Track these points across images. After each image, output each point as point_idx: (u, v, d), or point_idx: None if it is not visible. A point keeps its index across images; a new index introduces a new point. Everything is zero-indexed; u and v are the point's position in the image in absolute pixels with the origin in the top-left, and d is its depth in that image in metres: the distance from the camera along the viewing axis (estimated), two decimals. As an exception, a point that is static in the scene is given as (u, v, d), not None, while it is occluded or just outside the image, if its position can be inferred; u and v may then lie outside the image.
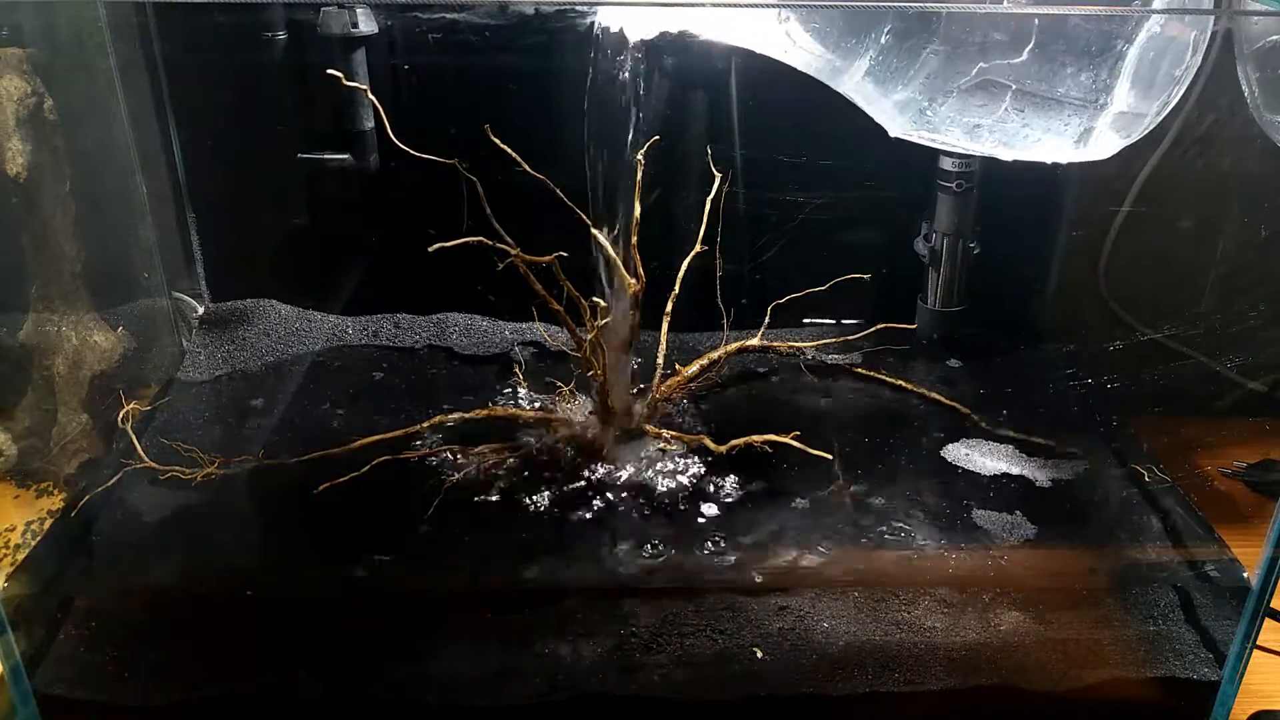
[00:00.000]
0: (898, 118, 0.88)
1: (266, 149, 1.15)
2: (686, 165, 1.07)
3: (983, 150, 0.89)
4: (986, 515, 0.90)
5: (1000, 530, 0.89)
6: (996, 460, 0.97)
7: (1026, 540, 0.89)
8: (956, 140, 0.89)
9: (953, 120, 0.87)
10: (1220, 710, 0.82)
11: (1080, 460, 0.97)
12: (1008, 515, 0.91)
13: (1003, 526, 0.90)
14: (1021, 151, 0.88)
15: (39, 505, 1.02)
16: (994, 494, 0.93)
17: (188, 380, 1.10)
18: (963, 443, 1.00)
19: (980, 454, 0.98)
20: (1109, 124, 0.86)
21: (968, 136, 0.88)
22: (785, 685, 0.79)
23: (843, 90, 0.89)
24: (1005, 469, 0.96)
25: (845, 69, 0.88)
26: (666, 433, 0.97)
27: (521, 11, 1.03)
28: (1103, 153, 0.88)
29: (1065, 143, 0.87)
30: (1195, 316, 1.08)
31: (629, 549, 0.87)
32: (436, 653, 0.81)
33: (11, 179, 0.96)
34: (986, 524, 0.90)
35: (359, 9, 1.06)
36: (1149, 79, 0.85)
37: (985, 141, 0.88)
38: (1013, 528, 0.89)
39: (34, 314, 1.04)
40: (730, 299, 1.11)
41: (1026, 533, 0.89)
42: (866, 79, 0.87)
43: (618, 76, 0.92)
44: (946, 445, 0.99)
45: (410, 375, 1.11)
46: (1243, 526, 0.89)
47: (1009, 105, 0.86)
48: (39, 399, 1.05)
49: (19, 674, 0.79)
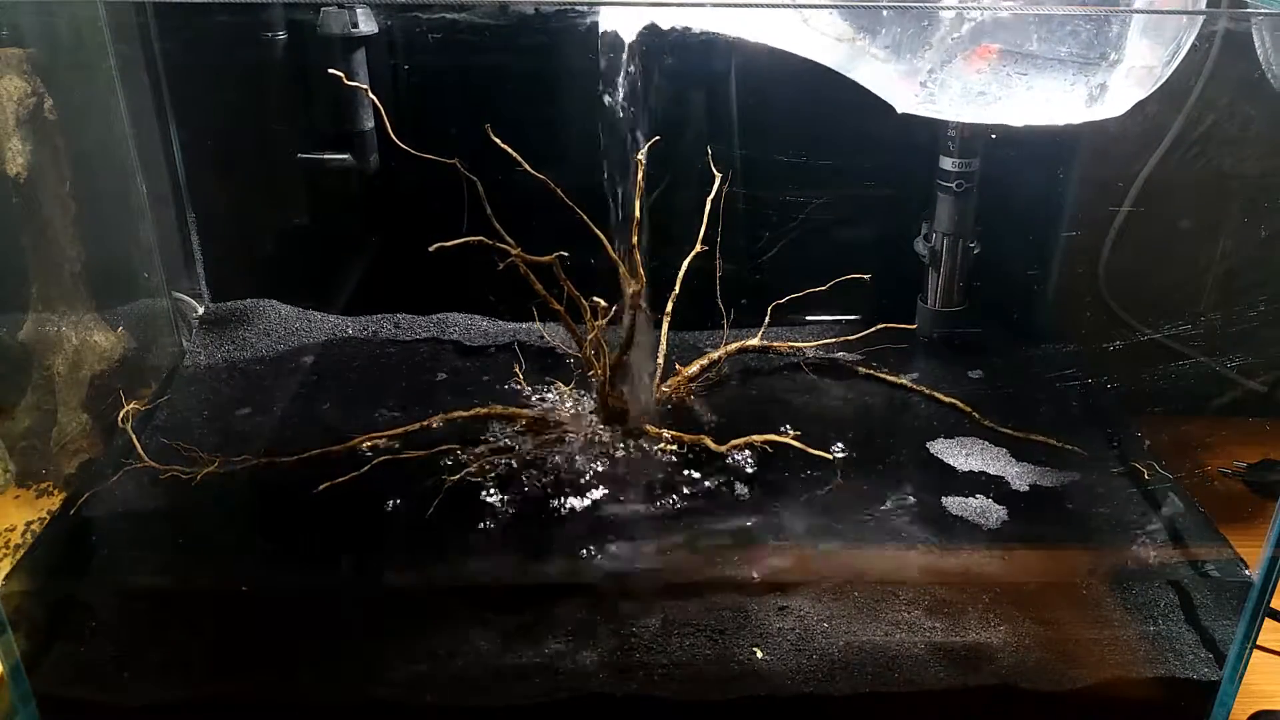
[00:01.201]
0: (905, 92, 0.87)
1: (266, 149, 1.15)
2: (690, 164, 1.07)
3: (992, 118, 0.88)
4: (986, 513, 0.90)
5: (1001, 529, 0.89)
6: (996, 458, 0.97)
7: (1027, 538, 0.89)
8: (964, 110, 0.88)
9: (958, 90, 0.86)
10: (1220, 710, 0.82)
11: (1080, 459, 0.97)
12: (1008, 514, 0.91)
13: (1003, 524, 0.90)
14: (1031, 116, 0.87)
15: (39, 505, 1.02)
16: (995, 491, 0.93)
17: (187, 380, 1.10)
18: (962, 441, 1.00)
19: (980, 452, 0.98)
20: (1118, 79, 0.85)
21: (975, 105, 0.87)
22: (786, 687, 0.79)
23: (854, 74, 0.88)
24: (1005, 466, 0.96)
25: (864, 47, 0.87)
26: (667, 432, 0.97)
27: (521, 11, 1.03)
28: (1116, 110, 0.87)
29: (1076, 103, 0.86)
30: (1195, 316, 1.08)
31: (628, 546, 0.87)
32: (435, 652, 0.81)
33: (11, 179, 0.96)
34: (987, 522, 0.90)
35: (359, 9, 1.06)
36: (1156, 30, 0.84)
37: (993, 109, 0.87)
38: (1013, 525, 0.89)
39: (34, 314, 1.04)
40: (730, 298, 1.11)
41: (1028, 531, 0.89)
42: (880, 53, 0.86)
43: (621, 76, 0.91)
44: (945, 443, 0.99)
45: (410, 374, 1.11)
46: (1243, 526, 0.89)
47: (1012, 70, 0.84)
48: (39, 399, 1.05)
49: (19, 674, 0.79)
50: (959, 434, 1.01)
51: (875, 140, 1.09)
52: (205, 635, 0.83)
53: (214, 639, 0.83)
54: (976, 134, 1.07)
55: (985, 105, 0.87)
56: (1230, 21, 0.95)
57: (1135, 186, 1.12)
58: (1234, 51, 1.00)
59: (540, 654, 0.81)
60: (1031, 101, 0.87)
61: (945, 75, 0.86)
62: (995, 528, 0.89)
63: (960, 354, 1.15)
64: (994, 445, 0.99)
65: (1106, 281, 1.17)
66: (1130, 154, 1.12)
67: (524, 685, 0.80)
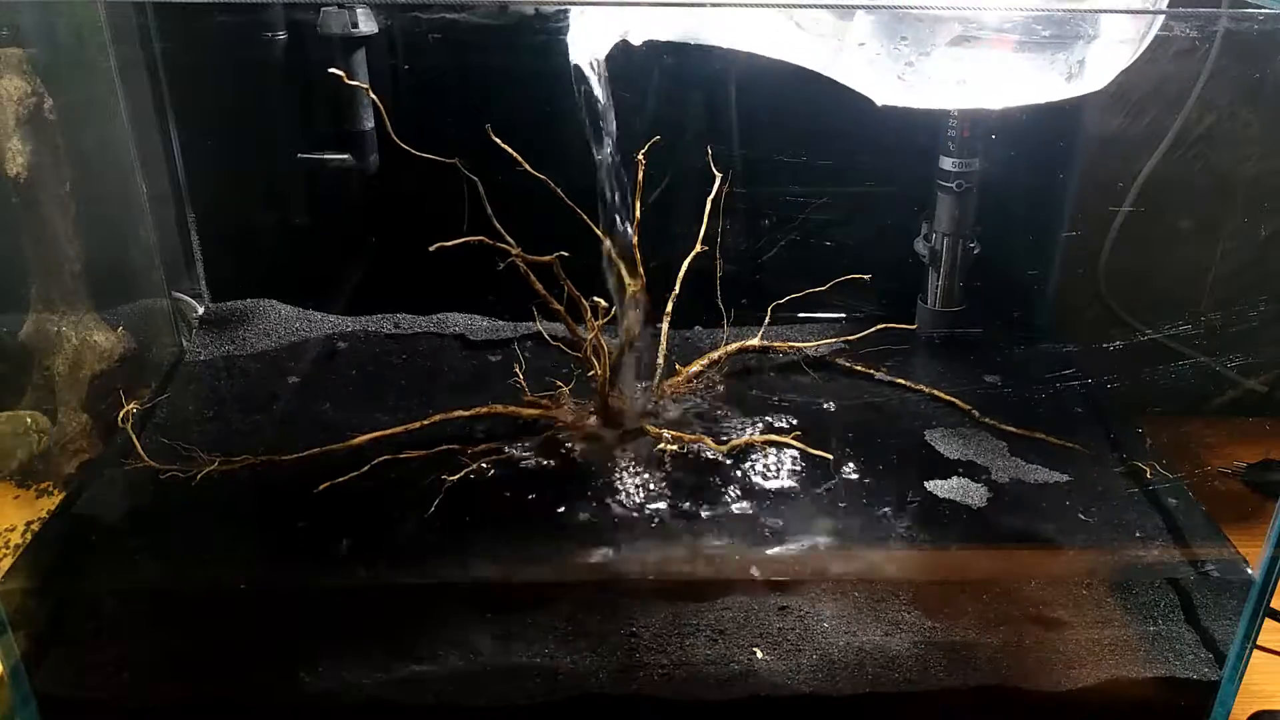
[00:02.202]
0: (884, 84, 0.87)
1: (266, 149, 1.15)
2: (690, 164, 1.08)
3: (973, 103, 0.87)
4: (987, 511, 0.90)
5: (1001, 526, 0.89)
6: (996, 457, 0.97)
7: (1028, 536, 0.89)
8: (945, 98, 0.88)
9: (938, 78, 0.86)
10: (1220, 710, 0.82)
11: (1080, 458, 0.97)
12: (1009, 512, 0.91)
13: (1003, 522, 0.90)
14: (1010, 97, 0.87)
15: (39, 505, 1.02)
16: (995, 489, 0.93)
17: (187, 380, 1.10)
18: (962, 439, 1.00)
19: (980, 450, 0.98)
20: (1096, 54, 0.85)
21: (954, 92, 0.87)
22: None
23: (834, 72, 0.88)
24: (1005, 464, 0.96)
25: (844, 46, 0.86)
26: (667, 432, 0.97)
27: (521, 11, 1.03)
28: (1096, 84, 0.86)
29: (1056, 81, 0.86)
30: (1195, 316, 1.08)
31: (625, 545, 0.87)
32: (436, 650, 0.81)
33: (11, 179, 0.96)
34: (987, 518, 0.90)
35: (359, 9, 1.06)
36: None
37: (973, 94, 0.87)
38: (1014, 523, 0.89)
39: (34, 314, 1.04)
40: (730, 298, 1.11)
41: (1028, 529, 0.89)
42: (857, 49, 0.86)
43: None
44: (946, 442, 0.99)
45: (410, 374, 1.11)
46: (1242, 526, 0.89)
47: (990, 55, 0.84)
48: (39, 399, 1.05)
49: (19, 674, 0.79)
50: (957, 433, 1.01)
51: (876, 140, 1.09)
52: (204, 635, 0.83)
53: (213, 639, 0.83)
54: (976, 134, 1.07)
55: (965, 91, 0.86)
56: (1230, 21, 0.95)
57: (1135, 186, 1.12)
58: (1234, 51, 1.00)
59: (539, 653, 0.81)
60: (1011, 83, 0.86)
61: (923, 65, 0.85)
62: (995, 525, 0.89)
63: (960, 353, 1.15)
64: (995, 438, 1.00)
65: (1106, 281, 1.17)
66: (1130, 154, 1.13)
67: (523, 684, 0.80)
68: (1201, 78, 1.07)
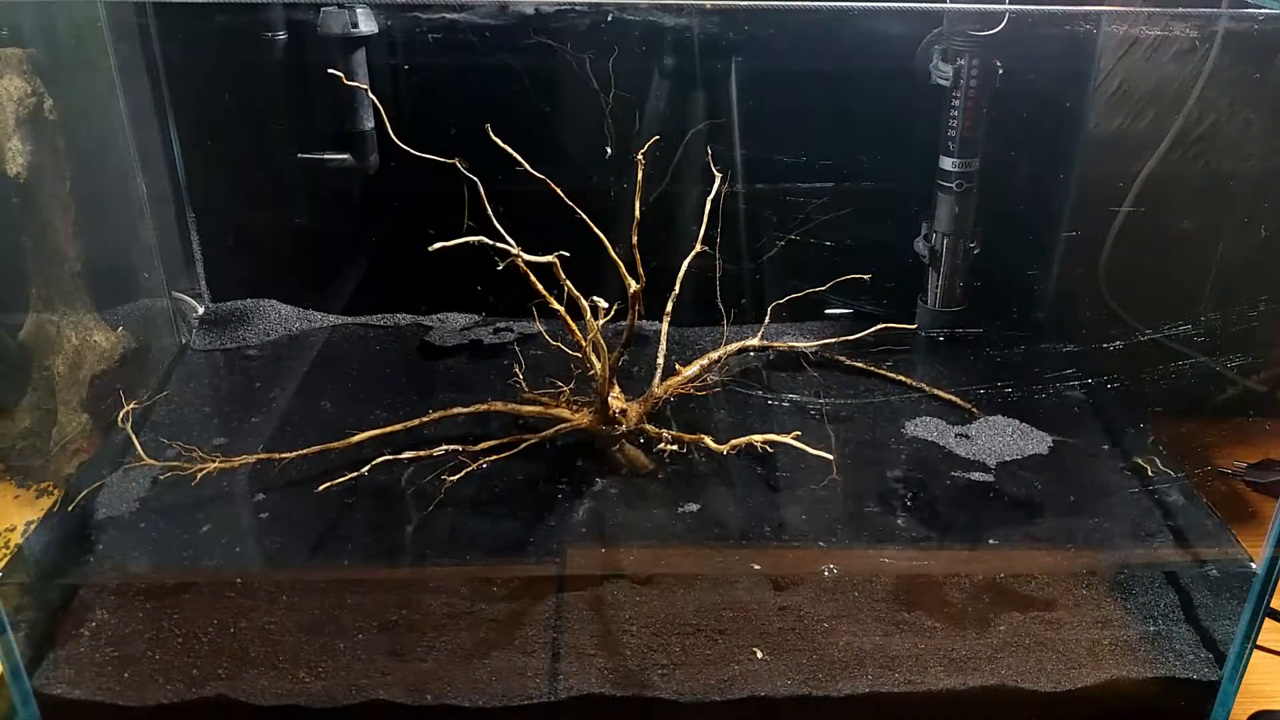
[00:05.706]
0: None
1: (266, 149, 1.15)
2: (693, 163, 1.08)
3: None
4: (987, 509, 0.90)
5: (1002, 526, 0.89)
6: (996, 455, 0.97)
7: (1028, 536, 0.89)
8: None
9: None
10: (1220, 710, 0.82)
11: (1080, 456, 0.97)
12: (1009, 511, 0.91)
13: (1004, 521, 0.90)
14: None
15: (39, 505, 1.02)
16: (995, 489, 0.93)
17: (187, 380, 1.10)
18: (961, 438, 1.00)
19: (980, 449, 0.98)
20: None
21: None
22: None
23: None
24: (1005, 463, 0.96)
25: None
26: (667, 432, 0.97)
27: (521, 11, 1.03)
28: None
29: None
30: (1195, 316, 1.08)
31: (624, 543, 0.87)
32: (435, 650, 0.81)
33: (11, 179, 0.96)
34: (987, 517, 0.90)
35: (359, 9, 1.06)
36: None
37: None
38: (1015, 522, 0.89)
39: (34, 314, 1.04)
40: (730, 298, 1.11)
41: (1030, 528, 0.89)
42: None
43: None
44: (946, 440, 0.99)
45: (410, 373, 1.11)
46: (1242, 527, 0.89)
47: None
48: (39, 399, 1.05)
49: (19, 674, 0.79)
50: (959, 432, 1.01)
51: (875, 141, 1.09)
52: (204, 635, 0.83)
53: (213, 638, 0.83)
54: (976, 134, 1.07)
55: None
56: (1230, 21, 0.95)
57: (1135, 186, 1.12)
58: (1234, 51, 1.00)
59: (538, 654, 0.81)
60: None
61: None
62: (992, 524, 0.89)
63: (960, 353, 1.15)
64: (995, 441, 0.99)
65: (1106, 281, 1.17)
66: (1130, 154, 1.12)
67: (520, 684, 0.80)
68: (1201, 78, 1.07)
